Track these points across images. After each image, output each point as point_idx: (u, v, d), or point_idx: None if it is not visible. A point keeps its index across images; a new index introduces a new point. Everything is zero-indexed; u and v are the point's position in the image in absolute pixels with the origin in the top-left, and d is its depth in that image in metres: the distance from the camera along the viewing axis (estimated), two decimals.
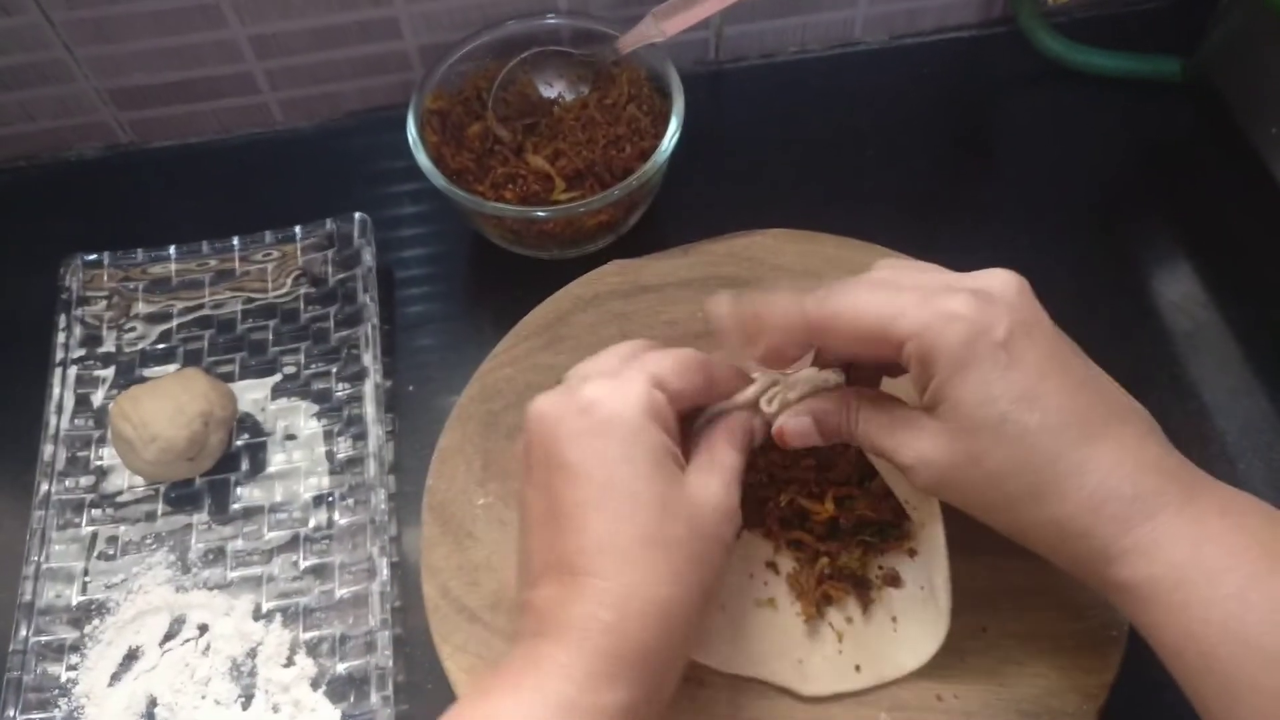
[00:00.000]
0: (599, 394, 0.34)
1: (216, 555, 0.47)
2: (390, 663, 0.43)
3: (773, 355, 0.37)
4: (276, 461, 0.50)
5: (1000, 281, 0.35)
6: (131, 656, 0.45)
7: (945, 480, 0.35)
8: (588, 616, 0.31)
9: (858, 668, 0.40)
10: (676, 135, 0.52)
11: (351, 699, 0.43)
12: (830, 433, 0.38)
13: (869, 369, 0.40)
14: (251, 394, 0.52)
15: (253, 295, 0.55)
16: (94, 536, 0.48)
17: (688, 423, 0.38)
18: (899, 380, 0.39)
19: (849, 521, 0.41)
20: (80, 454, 0.50)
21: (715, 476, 0.35)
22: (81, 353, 0.53)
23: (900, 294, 0.34)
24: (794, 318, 0.36)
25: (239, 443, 0.51)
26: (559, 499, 0.33)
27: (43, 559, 0.47)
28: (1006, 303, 0.34)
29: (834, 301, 0.35)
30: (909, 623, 0.40)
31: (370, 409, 0.49)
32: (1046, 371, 0.33)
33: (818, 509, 0.42)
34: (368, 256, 0.54)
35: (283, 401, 0.52)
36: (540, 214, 0.50)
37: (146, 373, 0.53)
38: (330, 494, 0.49)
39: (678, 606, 0.32)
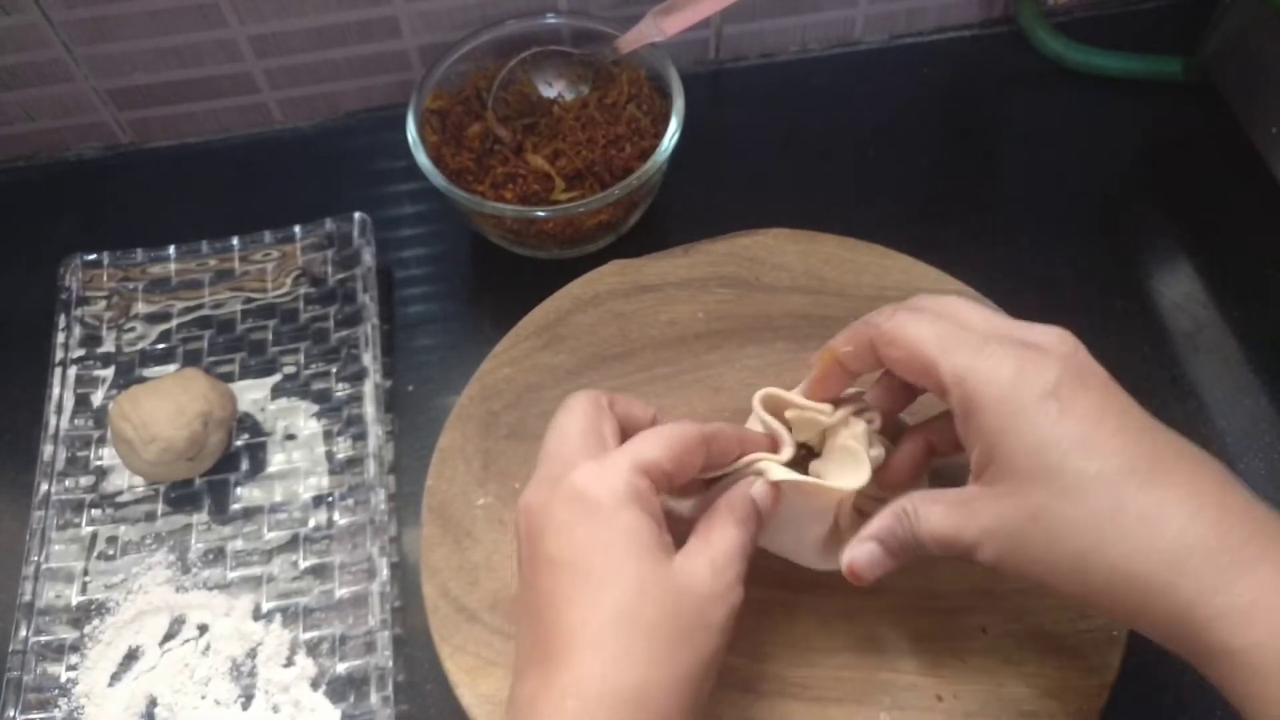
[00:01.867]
0: (582, 481, 0.33)
1: (216, 555, 0.47)
2: (390, 663, 0.43)
3: (838, 371, 0.38)
4: (276, 462, 0.50)
5: (1052, 336, 0.34)
6: (131, 656, 0.45)
7: (1009, 548, 0.32)
8: (555, 708, 0.30)
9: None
10: (676, 135, 0.52)
11: (351, 699, 0.43)
12: (899, 549, 0.36)
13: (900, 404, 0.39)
14: (251, 394, 0.52)
15: (252, 295, 0.55)
16: (94, 536, 0.48)
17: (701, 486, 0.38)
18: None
19: None
20: (80, 454, 0.50)
21: (702, 557, 0.34)
22: (81, 353, 0.53)
23: (958, 334, 0.34)
24: (863, 330, 0.36)
25: (239, 443, 0.51)
26: (539, 590, 0.32)
27: (42, 559, 0.47)
28: (1057, 355, 0.33)
29: (901, 320, 0.35)
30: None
31: (370, 409, 0.49)
32: (1102, 418, 0.31)
33: None
34: (367, 256, 0.54)
35: (282, 401, 0.52)
36: (540, 214, 0.50)
37: (146, 373, 0.53)
38: (330, 494, 0.49)
39: (654, 690, 0.30)
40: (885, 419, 0.39)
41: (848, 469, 0.37)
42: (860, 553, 0.36)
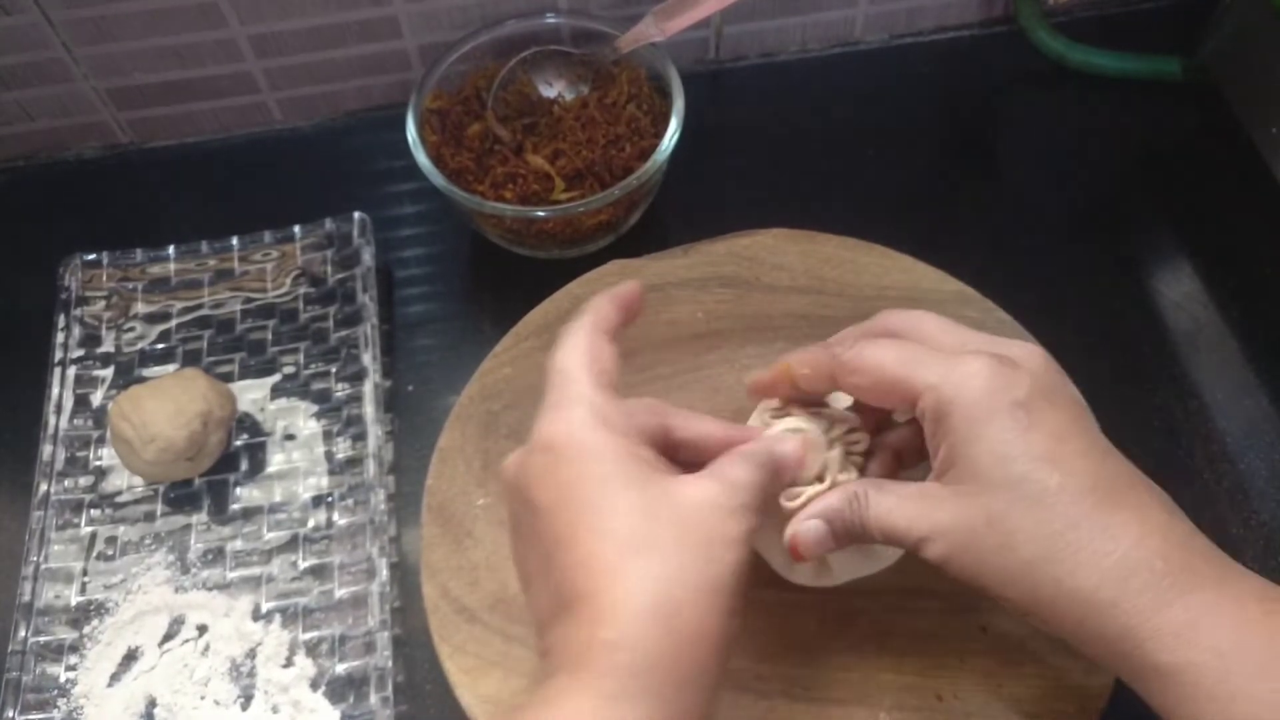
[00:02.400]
0: (549, 431, 0.33)
1: (216, 555, 0.47)
2: (389, 663, 0.43)
3: (787, 385, 0.38)
4: (276, 462, 0.50)
5: (1024, 351, 0.34)
6: (130, 657, 0.45)
7: (961, 548, 0.33)
8: (587, 640, 0.29)
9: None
10: (676, 135, 0.52)
11: (351, 699, 0.43)
12: (844, 530, 0.36)
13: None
14: (251, 394, 0.52)
15: (252, 295, 0.55)
16: (93, 537, 0.48)
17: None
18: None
19: None
20: (79, 454, 0.50)
21: (711, 479, 0.33)
22: (80, 353, 0.53)
23: (924, 352, 0.35)
24: (824, 357, 0.37)
25: (238, 443, 0.51)
26: (543, 541, 0.32)
27: (42, 559, 0.47)
28: (1029, 369, 0.33)
29: (861, 348, 0.35)
30: None
31: (369, 409, 0.49)
32: (1068, 436, 0.32)
33: None
34: (367, 256, 0.54)
35: (282, 401, 0.52)
36: (540, 214, 0.50)
37: (146, 373, 0.53)
38: (329, 494, 0.49)
39: (677, 606, 0.30)
40: (872, 434, 0.39)
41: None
42: (806, 529, 0.36)
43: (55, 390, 0.51)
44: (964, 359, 0.33)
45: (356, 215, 0.55)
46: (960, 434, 0.32)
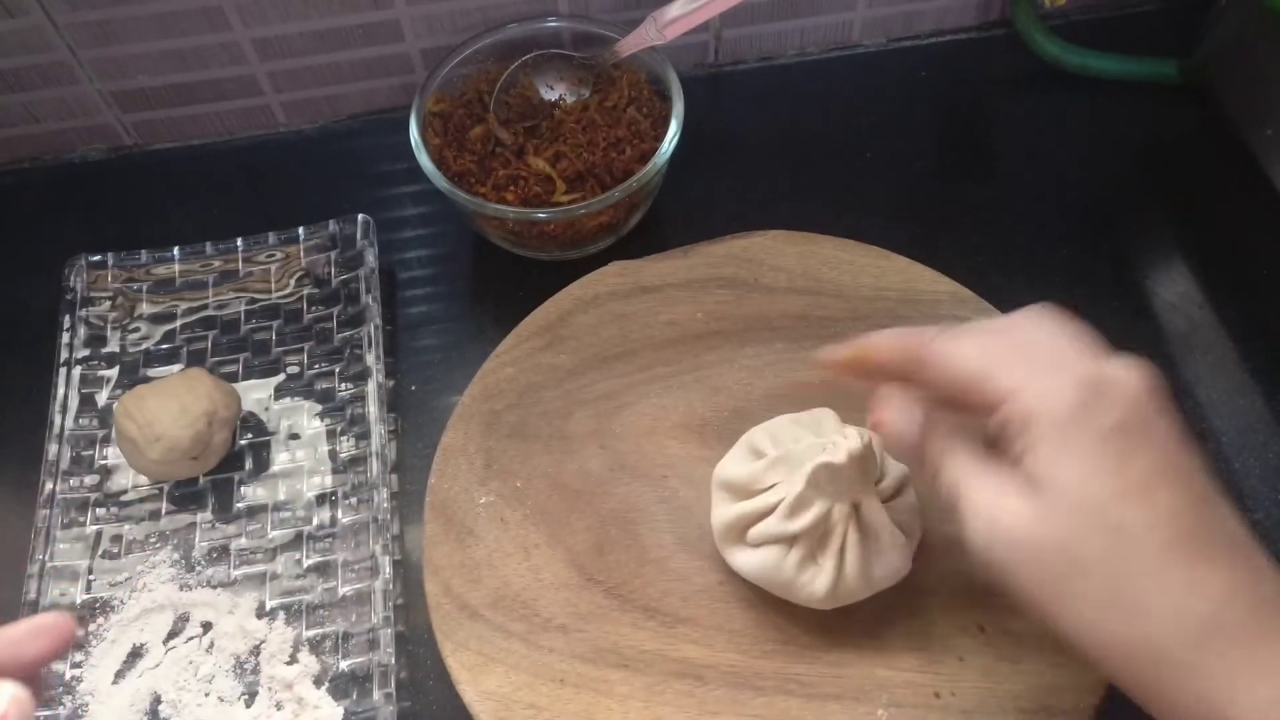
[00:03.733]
0: None
1: (220, 553, 0.48)
2: (392, 660, 0.44)
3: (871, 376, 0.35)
4: (280, 460, 0.50)
5: (1129, 373, 0.31)
6: (135, 654, 0.45)
7: (1019, 560, 0.30)
8: None
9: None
10: (676, 137, 0.52)
11: (354, 696, 0.44)
12: (917, 448, 0.34)
13: None
14: (255, 394, 0.52)
15: (256, 296, 0.55)
16: (98, 535, 0.49)
17: None
18: None
19: None
20: (85, 453, 0.51)
21: None
22: (86, 353, 0.53)
23: (1014, 352, 0.31)
24: (911, 345, 0.34)
25: (243, 442, 0.51)
26: None
27: (47, 557, 0.47)
28: (1125, 397, 0.30)
29: (948, 340, 0.33)
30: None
31: (373, 408, 0.49)
32: (1161, 473, 0.29)
33: None
34: (370, 257, 0.54)
35: (286, 401, 0.52)
36: (541, 215, 0.51)
37: (150, 373, 0.53)
38: (333, 493, 0.49)
39: None
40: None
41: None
42: (900, 422, 0.34)
43: (61, 390, 0.52)
44: (1050, 372, 0.30)
45: (360, 217, 0.55)
46: (1044, 445, 0.29)
